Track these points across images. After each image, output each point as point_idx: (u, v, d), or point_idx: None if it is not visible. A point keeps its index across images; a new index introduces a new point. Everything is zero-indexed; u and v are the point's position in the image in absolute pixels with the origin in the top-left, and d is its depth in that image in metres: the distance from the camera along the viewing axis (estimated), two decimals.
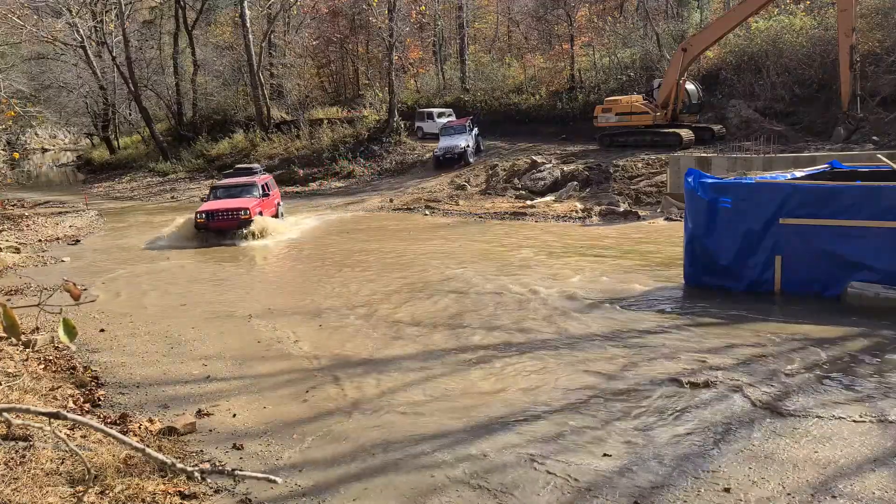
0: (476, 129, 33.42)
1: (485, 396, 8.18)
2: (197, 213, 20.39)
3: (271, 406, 8.20)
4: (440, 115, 37.60)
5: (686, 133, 28.16)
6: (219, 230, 20.17)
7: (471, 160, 31.79)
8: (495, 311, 12.06)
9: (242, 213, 20.09)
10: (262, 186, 22.08)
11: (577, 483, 6.16)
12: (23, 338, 9.09)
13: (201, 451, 6.98)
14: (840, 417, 7.24)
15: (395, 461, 6.66)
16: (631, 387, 8.32)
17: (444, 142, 32.69)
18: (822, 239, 11.85)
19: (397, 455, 6.79)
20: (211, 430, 7.51)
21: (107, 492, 5.56)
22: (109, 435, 3.19)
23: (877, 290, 11.30)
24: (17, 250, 19.57)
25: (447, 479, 6.31)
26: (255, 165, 26.14)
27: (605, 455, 6.63)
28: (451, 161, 31.79)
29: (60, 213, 29.57)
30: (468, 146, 32.01)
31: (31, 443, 6.05)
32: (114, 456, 6.14)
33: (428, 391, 8.48)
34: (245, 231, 20.08)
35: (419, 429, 7.36)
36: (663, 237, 18.74)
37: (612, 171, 26.69)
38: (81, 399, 8.22)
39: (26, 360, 9.13)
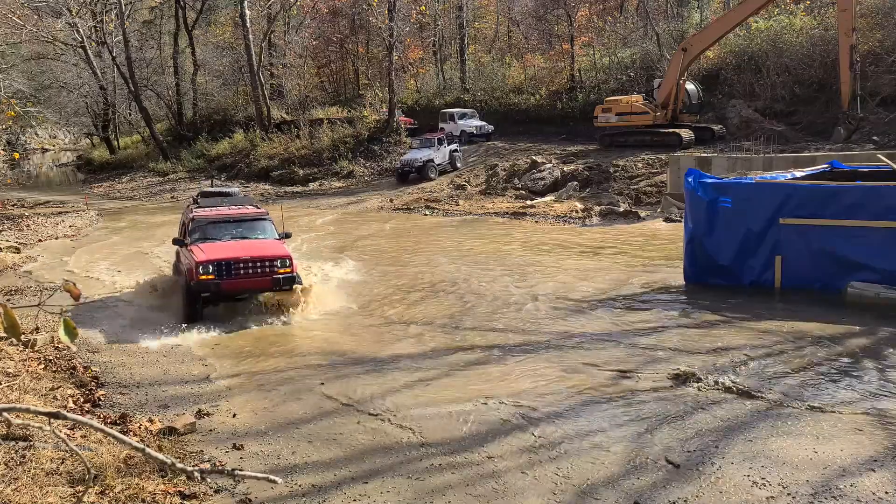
0: (455, 143, 32.58)
1: (484, 398, 8.17)
2: (199, 264, 11.50)
3: (271, 406, 8.20)
4: (462, 116, 35.81)
5: (686, 133, 28.16)
6: (237, 296, 12.04)
7: (432, 176, 30.72)
8: (495, 311, 12.06)
9: (279, 263, 11.79)
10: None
11: (578, 485, 6.16)
12: (23, 338, 9.08)
13: (201, 451, 6.98)
14: (841, 417, 7.24)
15: (395, 462, 6.66)
16: (631, 387, 8.32)
17: (409, 154, 32.23)
18: (822, 239, 11.86)
19: (397, 456, 6.79)
20: (211, 430, 7.51)
21: (107, 492, 5.56)
22: (109, 435, 3.19)
23: (877, 289, 11.31)
24: (17, 250, 19.57)
25: (447, 480, 6.30)
26: (234, 188, 17.19)
27: (605, 456, 6.63)
28: (409, 175, 31.05)
29: (60, 213, 29.56)
30: (430, 161, 30.94)
31: (31, 443, 6.05)
32: (114, 456, 6.14)
33: (428, 392, 8.48)
34: (290, 296, 12.11)
35: (419, 430, 7.36)
36: (663, 237, 18.74)
37: (612, 171, 26.69)
38: (81, 399, 8.22)
39: (26, 360, 9.13)
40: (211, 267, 11.42)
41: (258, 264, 11.66)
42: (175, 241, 12.91)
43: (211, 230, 12.79)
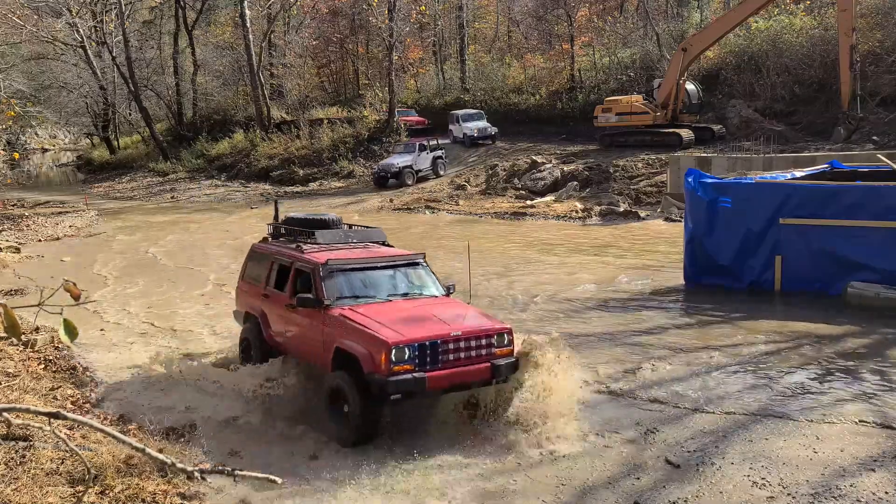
0: (439, 150, 32.24)
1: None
2: (392, 346, 6.94)
3: (272, 406, 8.17)
4: (467, 117, 34.72)
5: (686, 133, 28.17)
6: (442, 390, 7.35)
7: (409, 182, 30.48)
8: (493, 311, 12.05)
9: (496, 341, 7.55)
10: None
11: (578, 485, 6.16)
12: (23, 338, 9.09)
13: (202, 450, 6.96)
14: (841, 417, 7.23)
15: (396, 462, 6.65)
16: (630, 388, 8.32)
17: (388, 158, 32.12)
18: (822, 239, 11.86)
19: (398, 456, 6.77)
20: (212, 428, 7.50)
21: (107, 492, 5.56)
22: (109, 435, 3.19)
23: (877, 289, 11.31)
24: (17, 250, 19.57)
25: (449, 481, 6.30)
26: (330, 213, 10.44)
27: (605, 456, 6.62)
28: (387, 180, 30.78)
29: (60, 213, 29.56)
30: (408, 167, 30.66)
31: (31, 443, 6.05)
32: (114, 456, 6.13)
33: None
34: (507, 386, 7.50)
35: (420, 430, 7.35)
36: (663, 237, 18.74)
37: (612, 171, 26.70)
38: (81, 399, 8.22)
39: (26, 360, 9.13)
40: (408, 351, 6.98)
41: (472, 344, 7.31)
42: (304, 301, 7.79)
43: (358, 284, 8.20)
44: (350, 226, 9.90)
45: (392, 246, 9.43)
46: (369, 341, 7.07)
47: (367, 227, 9.96)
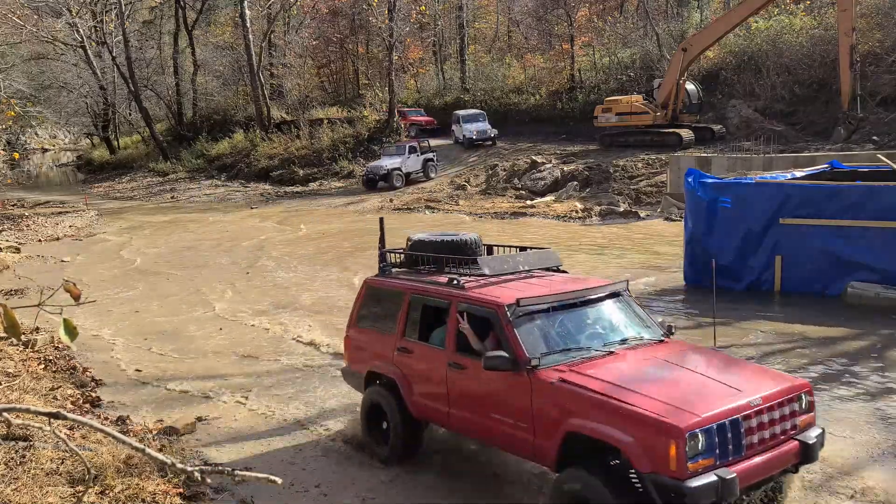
0: (431, 153, 32.07)
1: None
2: (685, 433, 4.40)
3: (274, 406, 8.19)
4: (468, 118, 34.25)
5: (686, 133, 28.16)
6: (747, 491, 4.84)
7: (397, 184, 30.37)
8: None
9: (798, 405, 5.10)
10: None
11: None
12: (23, 338, 9.09)
13: (202, 451, 6.97)
14: (841, 417, 7.23)
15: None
16: None
17: (377, 160, 32.13)
18: (822, 239, 11.85)
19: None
20: (212, 431, 7.51)
21: (107, 492, 5.56)
22: (109, 435, 3.19)
23: (877, 290, 11.31)
24: (17, 250, 19.59)
25: (456, 479, 6.30)
26: (466, 233, 7.31)
27: None
28: (376, 182, 30.70)
29: (60, 213, 29.58)
30: (396, 169, 30.54)
31: (31, 443, 6.05)
32: (114, 456, 6.14)
33: None
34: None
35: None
36: (663, 237, 18.74)
37: (612, 171, 26.70)
38: (81, 399, 8.23)
39: (26, 360, 9.13)
40: (704, 437, 4.59)
41: (776, 415, 4.97)
42: (495, 362, 5.27)
43: (563, 332, 5.78)
44: (489, 248, 7.33)
45: (566, 271, 7.17)
46: (640, 424, 4.63)
47: (531, 247, 7.36)
